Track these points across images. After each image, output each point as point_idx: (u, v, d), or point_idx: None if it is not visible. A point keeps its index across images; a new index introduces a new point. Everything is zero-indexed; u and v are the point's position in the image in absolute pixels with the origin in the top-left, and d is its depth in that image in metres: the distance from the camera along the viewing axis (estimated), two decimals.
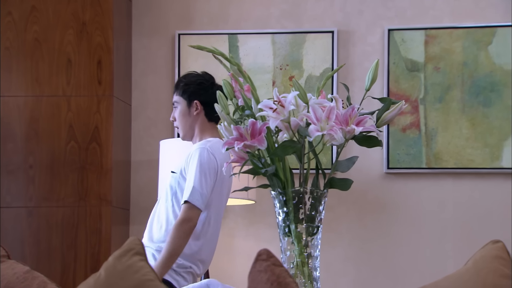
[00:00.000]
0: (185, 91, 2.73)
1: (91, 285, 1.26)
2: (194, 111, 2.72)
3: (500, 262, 1.05)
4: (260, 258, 1.08)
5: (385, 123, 1.66)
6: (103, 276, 1.27)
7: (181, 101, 2.74)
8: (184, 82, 2.75)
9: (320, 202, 1.60)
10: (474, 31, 3.44)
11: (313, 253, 1.60)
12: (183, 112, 2.73)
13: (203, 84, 2.75)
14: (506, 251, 1.09)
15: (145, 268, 1.26)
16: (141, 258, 1.27)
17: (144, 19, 3.72)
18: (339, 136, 1.53)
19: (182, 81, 2.77)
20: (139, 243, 1.35)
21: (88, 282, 1.31)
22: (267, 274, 1.05)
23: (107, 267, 1.31)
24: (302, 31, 3.60)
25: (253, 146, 1.54)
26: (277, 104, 1.52)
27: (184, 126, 2.73)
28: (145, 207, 3.66)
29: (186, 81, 2.75)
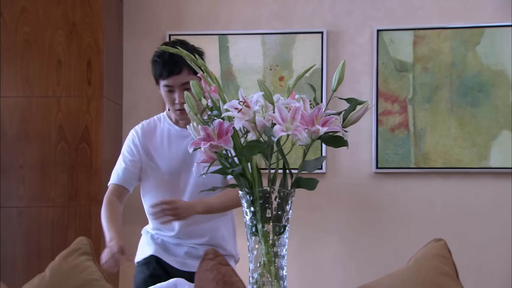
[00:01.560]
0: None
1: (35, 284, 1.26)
2: None
3: (440, 260, 1.06)
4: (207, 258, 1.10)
5: (352, 123, 1.67)
6: (48, 276, 1.27)
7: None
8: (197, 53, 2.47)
9: (287, 202, 1.62)
10: (462, 31, 3.45)
11: (280, 252, 1.61)
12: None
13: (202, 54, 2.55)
14: (447, 250, 1.10)
15: (91, 267, 1.27)
16: (88, 257, 1.28)
17: (135, 20, 3.74)
18: (303, 136, 1.54)
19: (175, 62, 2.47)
20: (87, 242, 1.36)
21: (33, 282, 1.31)
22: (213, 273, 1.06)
23: (53, 267, 1.31)
24: (292, 31, 3.62)
25: (220, 146, 1.55)
26: (243, 104, 1.53)
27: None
28: (136, 207, 3.69)
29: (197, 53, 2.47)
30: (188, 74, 2.39)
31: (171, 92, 2.42)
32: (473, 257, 3.45)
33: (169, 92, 2.42)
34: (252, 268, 1.59)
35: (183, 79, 2.39)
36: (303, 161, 1.64)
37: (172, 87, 2.41)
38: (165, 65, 2.38)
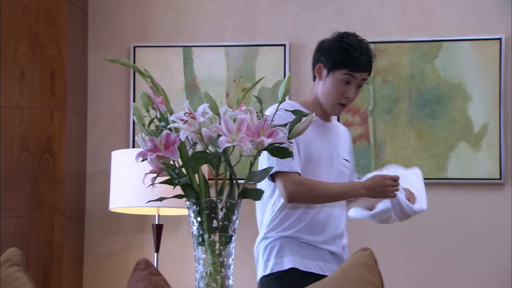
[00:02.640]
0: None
1: None
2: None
3: (366, 269, 1.10)
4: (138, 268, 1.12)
5: (297, 135, 1.71)
6: None
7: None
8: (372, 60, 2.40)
9: (233, 212, 1.65)
10: (421, 45, 3.52)
11: (226, 262, 1.64)
12: None
13: None
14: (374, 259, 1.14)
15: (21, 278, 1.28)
16: (19, 268, 1.29)
17: (100, 32, 3.77)
18: (248, 147, 1.58)
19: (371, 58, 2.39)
20: (18, 253, 1.37)
21: None
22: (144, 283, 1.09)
23: None
24: (255, 44, 3.67)
25: (166, 157, 1.59)
26: (188, 116, 1.57)
27: None
28: (100, 217, 3.70)
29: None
30: (369, 74, 2.40)
31: (347, 84, 2.35)
32: (430, 267, 3.51)
33: (344, 83, 2.35)
34: (198, 278, 1.62)
35: (366, 76, 2.38)
36: (249, 171, 1.68)
37: (353, 79, 2.34)
38: (361, 58, 2.32)
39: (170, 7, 3.75)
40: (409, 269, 3.52)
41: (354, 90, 2.35)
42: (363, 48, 2.34)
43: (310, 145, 2.37)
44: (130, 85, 3.71)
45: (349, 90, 2.34)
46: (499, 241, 3.44)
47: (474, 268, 3.45)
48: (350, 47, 2.33)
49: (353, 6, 3.63)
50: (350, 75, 2.33)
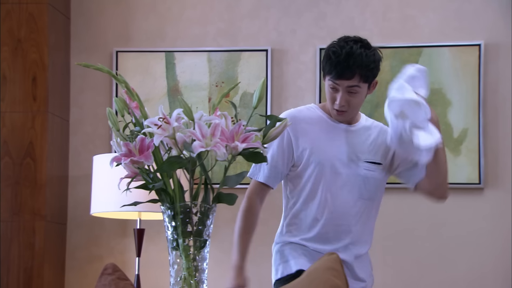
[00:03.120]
0: (372, 75, 2.30)
1: None
2: (370, 92, 2.36)
3: (332, 273, 1.12)
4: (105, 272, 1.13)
5: (271, 140, 1.72)
6: None
7: (362, 88, 2.28)
8: (372, 65, 2.28)
9: (207, 217, 1.66)
10: (401, 51, 3.55)
11: (201, 266, 1.65)
12: (363, 96, 2.31)
13: (380, 59, 2.35)
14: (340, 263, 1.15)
15: None
16: None
17: (83, 37, 3.77)
18: (222, 152, 1.60)
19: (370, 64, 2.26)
20: None
21: None
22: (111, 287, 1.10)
23: None
24: (237, 49, 3.68)
25: (140, 161, 1.60)
26: (162, 121, 1.58)
27: (358, 109, 2.34)
28: (82, 222, 3.70)
29: (373, 62, 2.28)
30: (359, 81, 2.24)
31: (335, 91, 2.26)
32: (411, 271, 3.53)
33: (333, 90, 2.27)
34: (172, 282, 1.63)
35: (351, 83, 2.24)
36: (224, 176, 1.69)
37: (337, 86, 2.25)
38: (337, 67, 2.22)
39: (152, 12, 3.76)
40: (390, 274, 3.54)
41: (343, 97, 2.24)
42: (342, 55, 2.21)
43: (313, 149, 2.30)
44: (112, 90, 3.72)
45: (337, 97, 2.26)
46: (479, 245, 3.47)
47: (454, 271, 3.48)
48: (332, 54, 2.25)
49: (334, 12, 3.66)
50: (333, 82, 2.25)
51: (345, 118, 2.32)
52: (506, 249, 3.45)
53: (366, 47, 2.27)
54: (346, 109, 2.28)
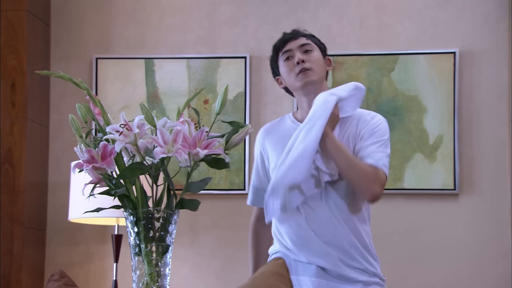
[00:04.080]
0: (317, 40, 2.34)
1: None
2: (327, 67, 2.32)
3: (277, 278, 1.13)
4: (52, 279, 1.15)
5: (234, 146, 1.75)
6: None
7: (315, 48, 2.29)
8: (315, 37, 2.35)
9: (169, 222, 1.68)
10: (378, 58, 3.59)
11: (163, 272, 1.67)
12: (320, 58, 2.28)
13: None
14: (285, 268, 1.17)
15: None
16: None
17: (63, 44, 3.79)
18: (183, 158, 1.62)
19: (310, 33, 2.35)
20: None
21: None
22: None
23: None
24: (216, 56, 3.71)
25: (102, 168, 1.62)
26: (124, 127, 1.61)
27: (321, 71, 2.26)
28: (62, 228, 3.71)
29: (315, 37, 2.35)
30: (307, 39, 2.28)
31: (290, 60, 2.25)
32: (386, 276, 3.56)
33: (288, 60, 2.25)
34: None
35: (301, 41, 2.26)
36: (187, 182, 1.72)
37: (291, 52, 2.25)
38: (284, 37, 2.29)
39: (132, 19, 3.79)
40: None
41: (300, 55, 2.24)
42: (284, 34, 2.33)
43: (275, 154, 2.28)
44: None
45: (295, 59, 2.25)
46: (454, 250, 3.50)
47: (430, 276, 3.51)
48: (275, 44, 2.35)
49: (312, 20, 3.70)
50: (285, 52, 2.27)
51: (314, 77, 2.23)
52: (481, 254, 3.48)
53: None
54: (309, 66, 2.22)
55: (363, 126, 2.21)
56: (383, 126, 2.24)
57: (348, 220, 2.26)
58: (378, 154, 2.16)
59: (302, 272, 2.22)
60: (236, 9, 3.74)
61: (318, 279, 2.20)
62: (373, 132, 2.20)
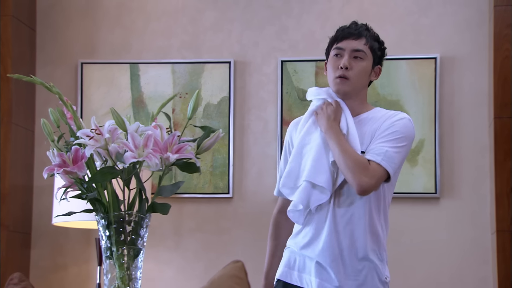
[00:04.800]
0: (377, 47, 2.26)
1: None
2: (372, 77, 2.27)
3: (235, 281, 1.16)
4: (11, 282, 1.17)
5: (205, 150, 1.77)
6: None
7: (367, 58, 2.23)
8: (379, 39, 2.28)
9: (141, 226, 1.71)
10: None
11: (134, 275, 1.69)
12: (367, 69, 2.23)
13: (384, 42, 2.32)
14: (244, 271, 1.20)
15: None
16: None
17: (48, 49, 3.82)
18: (153, 162, 1.64)
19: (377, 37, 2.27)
20: None
21: None
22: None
23: None
24: (201, 61, 3.74)
25: (73, 172, 1.65)
26: (94, 132, 1.63)
27: (360, 83, 2.22)
28: (47, 231, 3.73)
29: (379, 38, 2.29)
30: (365, 44, 2.20)
31: (339, 58, 2.19)
32: None
33: (336, 57, 2.19)
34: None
35: (357, 45, 2.19)
36: (158, 186, 1.74)
37: (343, 51, 2.19)
38: (345, 30, 2.22)
39: (117, 24, 3.82)
40: None
41: (348, 60, 2.17)
42: (349, 24, 2.25)
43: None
44: (77, 101, 3.77)
45: (342, 61, 2.18)
46: (435, 253, 3.53)
47: (411, 280, 3.54)
48: (339, 28, 2.27)
49: (296, 25, 3.73)
50: (337, 48, 2.20)
51: (348, 88, 2.19)
52: (462, 257, 3.51)
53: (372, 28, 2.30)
54: (349, 75, 2.17)
55: (380, 125, 2.18)
56: (401, 123, 2.19)
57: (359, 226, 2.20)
58: (382, 149, 2.13)
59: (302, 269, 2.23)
60: (220, 14, 3.78)
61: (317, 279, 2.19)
62: (387, 130, 2.16)
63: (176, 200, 3.69)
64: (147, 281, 3.66)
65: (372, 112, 2.24)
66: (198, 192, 3.69)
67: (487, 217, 3.49)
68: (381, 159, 2.12)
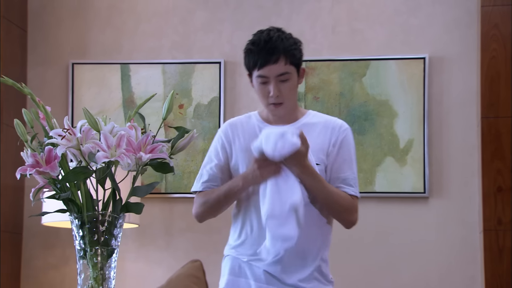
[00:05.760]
0: (296, 57, 2.18)
1: None
2: (299, 79, 2.21)
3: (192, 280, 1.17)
4: None
5: (179, 151, 1.79)
6: None
7: (291, 75, 2.15)
8: (293, 46, 2.19)
9: (115, 226, 1.72)
10: (350, 63, 3.63)
11: (108, 275, 1.71)
12: (295, 84, 2.18)
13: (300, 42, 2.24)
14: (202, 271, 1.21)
15: None
16: None
17: (40, 49, 3.84)
18: (125, 162, 1.66)
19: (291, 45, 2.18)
20: None
21: None
22: None
23: None
24: (192, 61, 3.75)
25: (46, 172, 1.66)
26: (66, 132, 1.64)
27: (293, 101, 2.20)
28: (38, 231, 3.75)
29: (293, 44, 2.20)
30: (285, 64, 2.12)
31: (266, 84, 2.13)
32: (358, 278, 3.59)
33: (263, 84, 2.14)
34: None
35: (280, 70, 2.12)
36: (132, 186, 1.75)
37: (267, 78, 2.13)
38: (261, 53, 2.11)
39: (108, 25, 3.83)
40: (337, 281, 3.59)
41: (275, 87, 2.12)
42: (262, 42, 2.14)
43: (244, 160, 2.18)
44: (68, 101, 3.78)
45: (269, 88, 2.13)
46: (424, 252, 3.53)
47: (400, 278, 3.55)
48: (252, 45, 2.16)
49: (286, 25, 3.67)
50: (261, 76, 2.14)
51: (283, 112, 2.17)
52: (451, 257, 3.51)
53: (282, 31, 2.21)
54: (281, 100, 2.14)
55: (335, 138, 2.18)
56: (352, 139, 2.23)
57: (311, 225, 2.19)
58: (353, 180, 2.19)
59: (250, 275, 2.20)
60: (211, 15, 3.79)
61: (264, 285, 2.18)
62: (345, 152, 2.18)
63: (167, 200, 3.71)
64: (138, 281, 3.68)
65: (307, 117, 2.23)
66: (189, 192, 3.70)
67: (476, 216, 3.49)
68: (357, 190, 2.21)
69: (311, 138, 2.14)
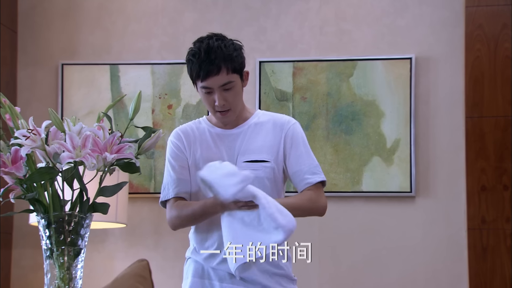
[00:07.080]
0: (238, 64, 2.16)
1: None
2: (245, 84, 2.22)
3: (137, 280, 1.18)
4: None
5: (146, 150, 1.80)
6: None
7: (235, 83, 2.15)
8: (234, 53, 2.16)
9: (82, 226, 1.73)
10: (337, 64, 3.64)
11: (74, 275, 1.72)
12: (240, 89, 2.19)
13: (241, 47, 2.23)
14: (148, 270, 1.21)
15: None
16: None
17: (29, 50, 3.87)
18: (90, 163, 1.67)
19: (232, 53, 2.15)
20: None
21: None
22: None
23: None
24: (180, 62, 3.77)
25: (11, 172, 1.68)
26: (31, 132, 1.66)
27: (240, 105, 2.20)
28: (28, 231, 3.78)
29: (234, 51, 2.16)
30: (227, 73, 2.11)
31: (210, 94, 2.13)
32: (345, 277, 3.60)
33: (208, 94, 2.13)
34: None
35: (223, 80, 2.10)
36: (99, 186, 1.77)
37: (211, 89, 2.12)
38: (202, 65, 2.09)
39: (98, 26, 3.86)
40: (325, 279, 3.61)
41: (220, 96, 2.12)
42: (202, 53, 2.12)
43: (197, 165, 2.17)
44: (58, 101, 3.81)
45: (214, 98, 2.13)
46: (410, 251, 3.54)
47: (387, 277, 3.55)
48: (192, 57, 2.14)
49: (274, 26, 3.75)
50: (205, 88, 2.13)
51: (231, 118, 2.19)
52: (437, 255, 3.52)
53: (222, 39, 2.19)
54: (228, 107, 2.15)
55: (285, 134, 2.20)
56: (301, 131, 2.26)
57: None
58: (315, 167, 2.20)
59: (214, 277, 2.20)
60: (199, 16, 3.80)
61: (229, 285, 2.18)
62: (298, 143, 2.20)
63: (155, 199, 3.72)
64: None
65: (256, 116, 2.25)
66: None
67: (462, 215, 3.49)
68: (322, 175, 2.21)
69: (261, 136, 2.19)
